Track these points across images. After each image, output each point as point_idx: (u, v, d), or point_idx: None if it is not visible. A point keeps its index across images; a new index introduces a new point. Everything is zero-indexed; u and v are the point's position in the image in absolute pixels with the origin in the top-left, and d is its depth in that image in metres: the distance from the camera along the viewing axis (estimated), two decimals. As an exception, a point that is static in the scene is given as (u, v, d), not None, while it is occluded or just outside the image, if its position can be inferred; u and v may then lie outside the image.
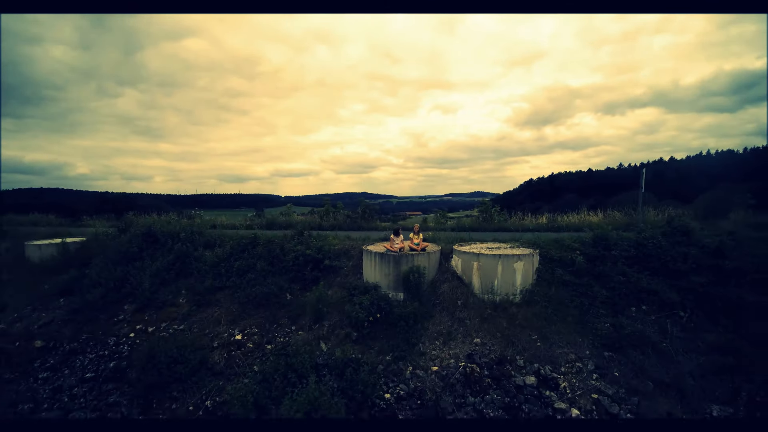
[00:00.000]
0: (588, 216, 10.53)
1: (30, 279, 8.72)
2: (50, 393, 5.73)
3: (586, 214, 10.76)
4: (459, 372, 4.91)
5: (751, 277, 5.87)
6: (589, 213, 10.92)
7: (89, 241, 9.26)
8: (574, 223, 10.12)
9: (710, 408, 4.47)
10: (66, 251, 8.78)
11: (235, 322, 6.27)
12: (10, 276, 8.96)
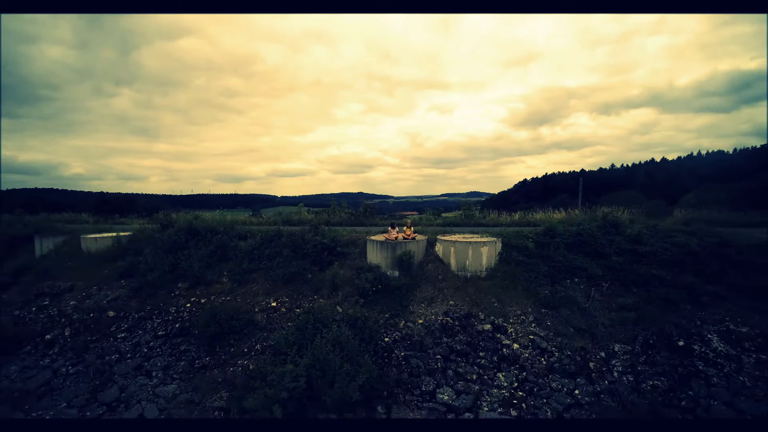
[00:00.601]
0: (553, 214, 12.49)
1: (89, 266, 10.54)
2: (131, 347, 7.58)
3: (552, 212, 12.74)
4: (438, 323, 6.83)
5: (659, 258, 7.84)
6: (554, 211, 12.89)
7: (136, 234, 11.09)
8: (541, 219, 12.07)
9: (613, 345, 6.41)
10: (120, 243, 10.61)
11: (270, 294, 8.16)
12: (71, 263, 10.77)
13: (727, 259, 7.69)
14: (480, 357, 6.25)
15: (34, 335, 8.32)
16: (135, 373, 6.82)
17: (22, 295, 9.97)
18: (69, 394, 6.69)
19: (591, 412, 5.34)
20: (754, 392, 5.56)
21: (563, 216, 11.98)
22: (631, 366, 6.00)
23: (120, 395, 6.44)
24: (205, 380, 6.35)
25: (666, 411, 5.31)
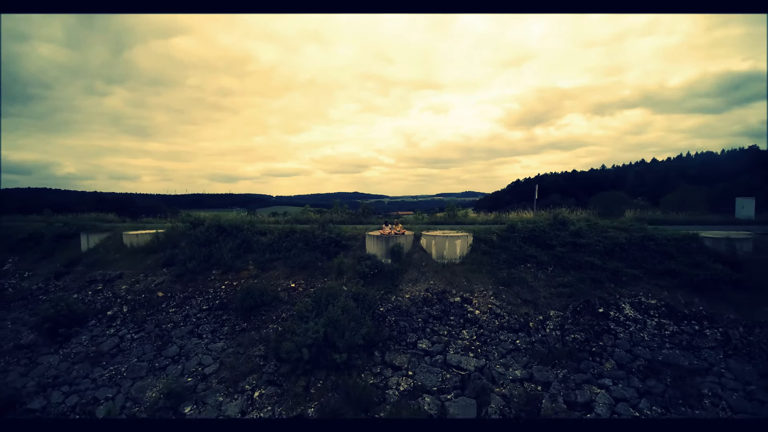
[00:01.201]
0: (522, 213, 14.67)
1: (133, 257, 12.53)
2: (182, 318, 9.61)
3: (522, 211, 14.92)
4: (420, 297, 8.95)
5: (593, 248, 10.01)
6: (523, 211, 15.06)
7: (170, 231, 13.09)
8: (511, 218, 14.24)
9: (549, 312, 8.55)
10: (158, 239, 12.62)
11: (289, 278, 10.23)
12: (117, 256, 12.75)
13: (647, 249, 9.88)
14: (450, 320, 8.38)
15: (96, 312, 10.31)
16: (189, 336, 8.87)
17: (76, 282, 11.94)
18: (137, 352, 8.73)
19: (526, 354, 7.49)
20: (650, 344, 7.72)
21: (531, 216, 14.17)
22: (560, 326, 8.15)
23: (180, 351, 8.49)
24: (246, 338, 8.42)
25: (579, 354, 7.47)
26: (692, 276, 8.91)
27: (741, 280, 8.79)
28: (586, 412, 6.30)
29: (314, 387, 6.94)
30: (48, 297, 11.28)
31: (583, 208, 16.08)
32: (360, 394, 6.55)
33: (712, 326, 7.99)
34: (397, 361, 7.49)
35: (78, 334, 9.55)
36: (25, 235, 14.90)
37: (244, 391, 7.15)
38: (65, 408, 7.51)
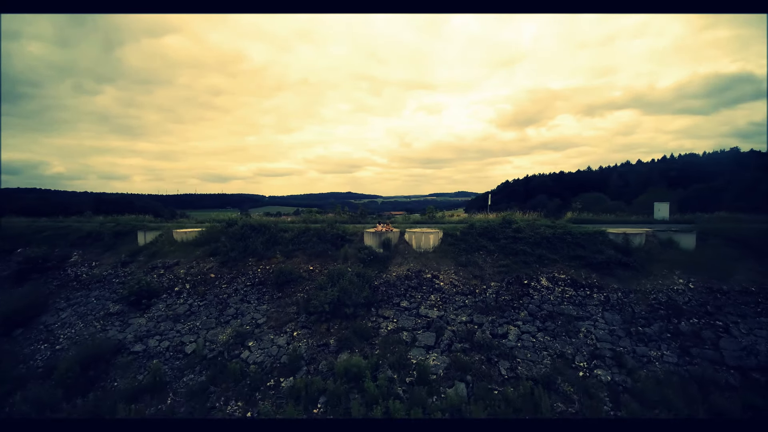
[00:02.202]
0: (488, 215, 18.49)
1: (184, 249, 16.08)
2: (233, 291, 13.22)
3: (487, 213, 18.74)
4: (403, 275, 12.70)
5: (527, 240, 13.83)
6: (490, 213, 18.88)
7: (210, 229, 16.66)
8: (480, 218, 18.05)
9: (490, 283, 12.33)
10: (202, 235, 16.20)
11: (308, 263, 13.91)
12: (171, 248, 16.29)
13: (564, 241, 13.73)
14: (423, 289, 12.15)
15: (165, 289, 13.87)
16: (241, 302, 12.52)
17: (141, 269, 15.46)
18: (205, 313, 12.33)
19: (470, 308, 11.28)
20: (553, 302, 11.52)
21: (494, 216, 18.02)
22: (496, 291, 11.96)
23: (236, 312, 12.13)
24: (282, 302, 12.10)
25: (505, 307, 11.26)
26: (593, 259, 12.80)
27: (627, 262, 12.69)
28: (502, 338, 10.11)
29: (332, 328, 10.66)
30: (121, 279, 14.81)
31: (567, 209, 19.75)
32: (362, 331, 10.28)
33: (599, 292, 11.86)
34: (386, 313, 11.24)
35: (155, 304, 13.13)
36: (84, 234, 18.36)
37: (286, 332, 10.84)
38: (161, 349, 11.11)
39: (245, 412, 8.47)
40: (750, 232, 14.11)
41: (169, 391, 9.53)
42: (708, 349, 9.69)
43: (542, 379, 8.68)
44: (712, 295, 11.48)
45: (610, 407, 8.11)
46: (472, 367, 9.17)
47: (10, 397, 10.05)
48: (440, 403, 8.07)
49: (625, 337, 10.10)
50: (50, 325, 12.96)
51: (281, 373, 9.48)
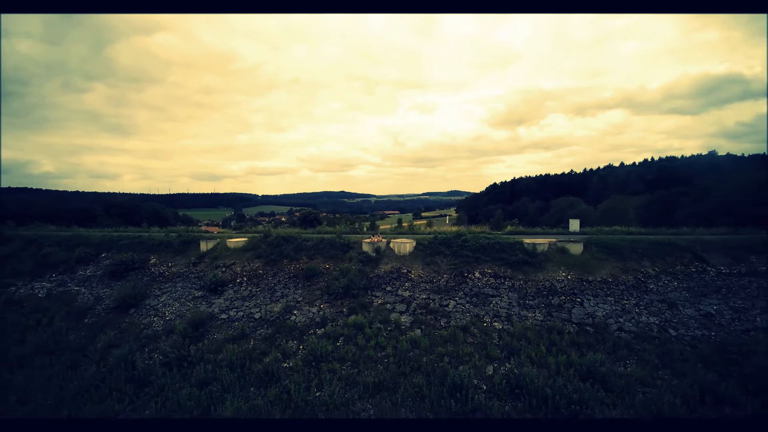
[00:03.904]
0: (456, 228, 25.41)
1: (236, 254, 22.82)
2: (276, 282, 20.03)
3: (455, 226, 25.68)
4: (388, 271, 19.66)
5: (470, 246, 20.85)
6: (458, 226, 25.81)
7: (252, 239, 23.42)
8: (447, 230, 25.02)
9: (443, 276, 19.30)
10: (248, 243, 22.96)
11: (324, 263, 20.80)
12: (227, 253, 23.01)
13: (494, 248, 20.74)
14: (400, 280, 19.10)
15: (228, 281, 20.62)
16: (284, 289, 19.36)
17: (208, 267, 22.16)
18: (262, 296, 19.14)
19: (430, 291, 18.23)
20: (480, 287, 18.54)
21: (460, 229, 25.02)
22: (446, 281, 18.95)
23: (282, 294, 18.95)
24: (311, 289, 18.99)
25: (451, 290, 18.23)
26: (510, 260, 19.84)
27: (531, 262, 19.74)
28: (445, 307, 17.08)
29: (344, 302, 17.59)
30: (196, 275, 21.54)
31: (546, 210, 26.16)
32: (362, 304, 17.23)
33: (509, 280, 18.90)
34: (377, 294, 18.19)
35: (226, 291, 19.92)
36: (157, 242, 25.01)
37: (316, 305, 17.76)
38: (238, 317, 17.89)
39: (299, 346, 15.35)
40: (622, 242, 21.29)
41: (250, 338, 16.36)
42: (564, 313, 16.78)
43: (463, 327, 15.70)
44: (580, 283, 18.60)
45: (497, 340, 15.14)
46: (425, 321, 16.18)
47: (147, 346, 16.78)
48: (405, 339, 15.04)
49: (516, 306, 17.17)
50: (155, 306, 19.67)
51: (316, 326, 16.41)
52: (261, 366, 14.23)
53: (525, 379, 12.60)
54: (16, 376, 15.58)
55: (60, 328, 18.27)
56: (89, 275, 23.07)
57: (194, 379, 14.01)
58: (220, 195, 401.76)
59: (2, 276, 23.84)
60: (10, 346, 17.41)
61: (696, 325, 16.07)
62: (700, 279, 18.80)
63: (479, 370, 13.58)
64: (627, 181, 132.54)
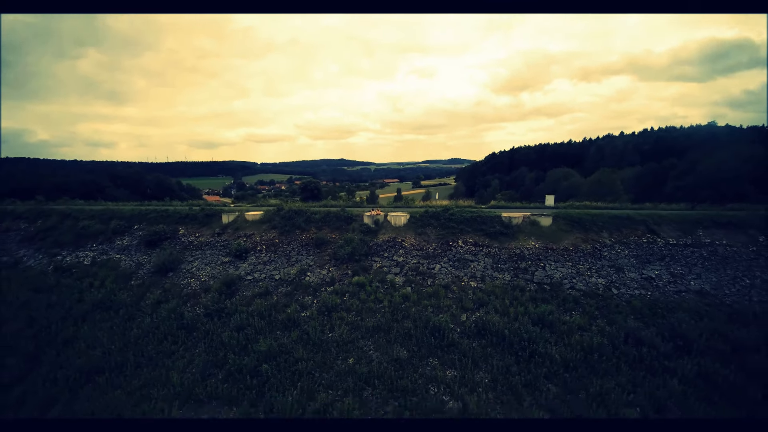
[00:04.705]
0: (446, 202, 28.75)
1: (256, 225, 26.32)
2: (291, 249, 23.67)
3: (447, 200, 29.03)
4: (385, 240, 23.24)
5: (456, 219, 24.31)
6: (449, 200, 29.16)
7: (267, 212, 26.84)
8: (443, 204, 28.37)
9: (432, 244, 22.89)
10: (264, 216, 26.42)
11: (331, 233, 24.35)
12: (247, 224, 26.51)
13: (476, 221, 24.18)
14: (396, 248, 22.70)
15: (250, 249, 24.24)
16: (297, 255, 23.03)
17: (230, 237, 25.71)
18: (280, 260, 22.82)
19: (420, 257, 21.87)
20: (461, 253, 22.15)
21: (447, 203, 28.39)
22: (434, 248, 22.55)
23: (296, 260, 22.63)
24: (320, 255, 22.66)
25: (437, 255, 21.87)
26: (488, 230, 23.33)
27: (506, 232, 23.24)
28: (432, 270, 20.77)
29: (349, 266, 21.28)
30: (221, 244, 25.14)
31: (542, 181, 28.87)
32: (364, 267, 20.92)
33: (486, 248, 22.49)
34: (376, 259, 21.85)
35: (249, 257, 23.58)
36: (183, 215, 28.41)
37: (325, 268, 21.48)
38: (261, 278, 21.63)
39: (313, 300, 19.16)
40: (586, 216, 24.67)
41: (273, 295, 20.17)
42: (528, 275, 20.48)
43: (445, 285, 19.45)
44: (545, 251, 22.19)
45: (471, 295, 18.91)
46: (415, 281, 19.93)
47: (189, 302, 20.61)
48: (398, 295, 18.80)
49: (490, 269, 20.87)
50: (190, 270, 23.38)
51: (327, 285, 20.20)
52: (284, 315, 18.11)
53: (489, 323, 16.47)
54: (81, 328, 19.50)
55: (112, 289, 22.03)
56: (126, 245, 26.67)
57: (232, 324, 17.94)
58: (219, 163, 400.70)
59: (48, 246, 27.48)
60: (71, 305, 21.27)
61: (636, 286, 19.82)
62: (648, 248, 22.37)
63: (455, 318, 17.45)
64: (624, 152, 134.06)
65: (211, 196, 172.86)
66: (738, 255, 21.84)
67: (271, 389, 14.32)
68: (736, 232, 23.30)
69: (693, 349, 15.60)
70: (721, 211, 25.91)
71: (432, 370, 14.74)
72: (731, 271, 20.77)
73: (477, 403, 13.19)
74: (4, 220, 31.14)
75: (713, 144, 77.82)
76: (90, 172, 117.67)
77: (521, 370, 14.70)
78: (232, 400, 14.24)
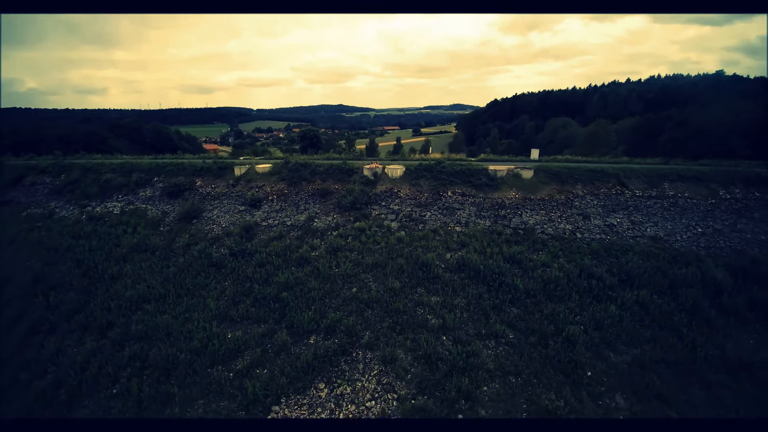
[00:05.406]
0: (443, 155, 31.13)
1: (265, 177, 29.07)
2: (299, 198, 26.67)
3: (447, 149, 31.42)
4: (383, 191, 26.15)
5: (447, 171, 26.99)
6: (448, 150, 31.54)
7: (275, 165, 29.46)
8: (437, 157, 30.86)
9: (425, 193, 25.82)
10: (272, 168, 29.08)
11: (334, 184, 27.18)
12: (257, 176, 29.25)
13: (464, 173, 26.86)
14: (392, 197, 25.67)
15: (263, 198, 27.21)
16: (305, 204, 26.07)
17: (244, 188, 28.54)
18: (290, 208, 25.91)
19: (414, 205, 24.92)
20: (450, 202, 25.16)
21: (440, 156, 30.85)
22: (426, 198, 25.51)
23: (304, 208, 25.72)
24: (325, 203, 25.71)
25: (428, 204, 24.90)
26: (475, 182, 26.11)
27: (491, 184, 26.05)
28: (423, 216, 23.91)
29: (351, 213, 24.42)
30: (236, 194, 28.04)
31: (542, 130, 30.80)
32: (364, 215, 24.07)
33: (472, 198, 25.43)
34: (374, 207, 24.93)
35: (263, 206, 26.62)
36: (198, 168, 30.97)
37: (330, 215, 24.64)
38: (275, 224, 24.84)
39: (321, 242, 22.50)
40: (564, 169, 27.28)
41: (286, 238, 23.49)
42: (506, 221, 23.62)
43: (434, 230, 22.71)
44: (524, 200, 25.15)
45: (455, 238, 22.18)
46: (408, 226, 23.16)
47: (214, 244, 23.96)
48: (393, 237, 22.09)
49: (474, 216, 24.00)
50: (210, 217, 26.50)
51: (332, 229, 23.46)
52: (297, 254, 21.55)
53: (469, 261, 19.91)
54: (124, 267, 22.94)
55: (145, 235, 25.26)
56: (149, 195, 29.55)
57: (254, 262, 21.42)
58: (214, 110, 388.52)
59: (77, 198, 30.30)
60: (110, 249, 24.59)
61: (598, 231, 23.02)
62: (615, 199, 25.27)
63: (441, 256, 20.88)
64: (627, 101, 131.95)
65: (209, 145, 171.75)
66: (696, 206, 24.73)
67: (290, 311, 18.03)
68: (698, 186, 26.02)
69: (635, 283, 19.08)
70: (691, 165, 28.42)
71: (419, 297, 18.40)
72: (686, 221, 23.77)
73: (453, 320, 16.91)
74: (28, 175, 33.58)
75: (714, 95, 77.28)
76: (85, 122, 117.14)
77: (491, 296, 18.34)
78: (260, 320, 18.02)
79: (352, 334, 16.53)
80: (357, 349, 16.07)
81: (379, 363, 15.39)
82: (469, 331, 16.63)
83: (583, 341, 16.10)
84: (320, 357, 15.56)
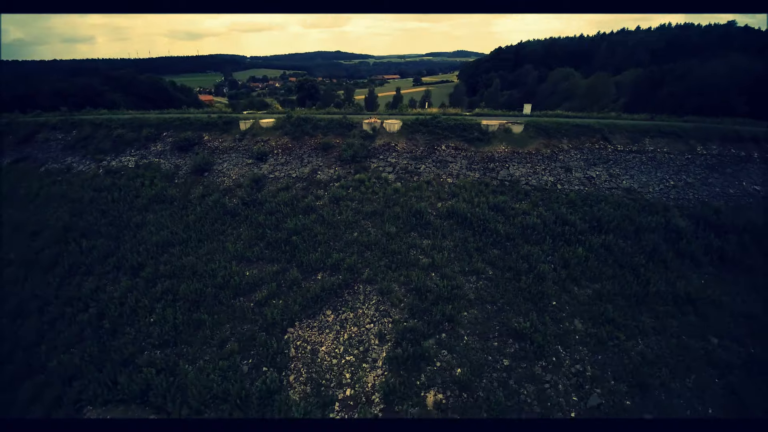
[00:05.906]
0: (438, 109, 32.39)
1: (268, 131, 30.63)
2: (303, 151, 28.51)
3: (447, 99, 32.66)
4: (381, 144, 27.91)
5: (442, 126, 28.55)
6: (440, 108, 32.78)
7: (279, 119, 30.89)
8: (433, 111, 32.15)
9: (421, 147, 27.62)
10: (276, 122, 30.57)
11: (335, 138, 28.80)
12: (262, 131, 30.80)
13: (459, 128, 28.38)
14: (389, 151, 27.48)
15: (268, 152, 29.00)
16: (309, 157, 27.94)
17: (250, 142, 30.15)
18: (295, 161, 27.84)
19: (410, 159, 26.84)
20: (444, 156, 27.03)
21: (437, 111, 32.17)
22: (422, 152, 27.34)
23: (308, 161, 27.65)
24: (327, 156, 27.59)
25: (424, 157, 26.81)
26: (468, 136, 27.76)
27: (482, 138, 27.72)
28: (418, 168, 25.93)
29: (352, 166, 26.40)
30: (243, 148, 29.78)
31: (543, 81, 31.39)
32: (363, 167, 26.08)
33: (464, 151, 27.25)
34: (373, 160, 26.84)
35: (269, 159, 28.46)
36: (204, 123, 32.34)
37: (332, 168, 26.66)
38: (281, 176, 26.91)
39: (324, 193, 24.74)
40: (553, 124, 28.75)
41: (293, 189, 25.66)
42: (494, 173, 25.65)
43: (427, 181, 24.84)
44: (512, 154, 26.97)
45: (447, 189, 24.38)
46: (404, 178, 25.27)
47: (226, 195, 26.17)
48: (390, 188, 24.29)
49: (465, 169, 26.00)
50: (220, 170, 28.42)
51: (334, 181, 25.59)
52: (303, 203, 23.89)
53: (457, 209, 22.26)
54: (146, 216, 25.21)
55: (162, 187, 27.29)
56: (161, 150, 31.19)
57: (264, 210, 23.80)
58: (205, 57, 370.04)
59: (92, 153, 31.92)
60: (131, 200, 26.74)
61: (578, 183, 25.13)
62: (598, 153, 27.07)
63: (433, 205, 23.24)
64: (635, 50, 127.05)
65: (205, 96, 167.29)
66: (672, 161, 26.61)
67: (299, 252, 20.69)
68: (677, 142, 27.70)
69: (604, 229, 21.52)
70: (674, 122, 29.86)
71: (412, 240, 21.01)
72: (661, 174, 25.75)
73: (441, 260, 19.62)
74: (40, 131, 34.80)
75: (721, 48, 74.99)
76: (75, 73, 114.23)
77: (475, 240, 20.93)
78: (273, 260, 20.75)
79: (354, 271, 19.28)
80: (358, 284, 18.91)
81: (377, 294, 18.27)
82: (454, 269, 19.33)
83: (551, 277, 18.83)
84: (327, 290, 18.39)
